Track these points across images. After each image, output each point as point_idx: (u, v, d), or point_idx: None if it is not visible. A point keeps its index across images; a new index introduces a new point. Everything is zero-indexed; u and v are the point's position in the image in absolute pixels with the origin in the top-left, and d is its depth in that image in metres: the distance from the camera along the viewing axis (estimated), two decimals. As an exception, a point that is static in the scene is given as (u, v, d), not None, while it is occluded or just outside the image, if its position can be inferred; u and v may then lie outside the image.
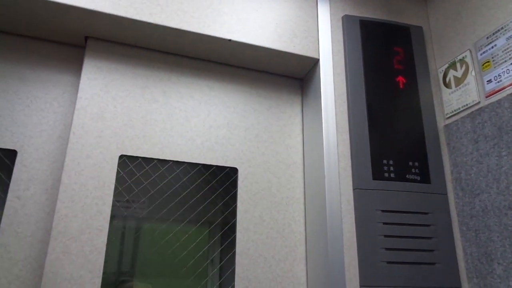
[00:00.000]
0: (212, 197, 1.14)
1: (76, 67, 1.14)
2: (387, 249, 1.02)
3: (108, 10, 1.03)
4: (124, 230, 1.05)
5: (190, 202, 1.12)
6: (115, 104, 1.10)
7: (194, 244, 1.09)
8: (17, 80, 1.07)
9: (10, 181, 0.99)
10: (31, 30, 1.10)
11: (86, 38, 1.13)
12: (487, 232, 1.00)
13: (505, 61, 1.01)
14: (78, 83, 1.12)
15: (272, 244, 1.13)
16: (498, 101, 1.01)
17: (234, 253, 1.09)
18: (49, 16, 1.04)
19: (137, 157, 1.08)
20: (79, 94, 1.07)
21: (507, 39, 1.02)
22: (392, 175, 1.10)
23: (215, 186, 1.15)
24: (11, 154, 1.01)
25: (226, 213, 1.14)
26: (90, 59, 1.11)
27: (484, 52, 1.08)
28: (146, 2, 1.08)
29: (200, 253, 1.09)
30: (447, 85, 1.20)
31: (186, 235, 1.09)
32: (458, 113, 1.14)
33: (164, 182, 1.11)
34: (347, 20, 1.23)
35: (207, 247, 1.10)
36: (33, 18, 1.05)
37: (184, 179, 1.13)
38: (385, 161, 1.11)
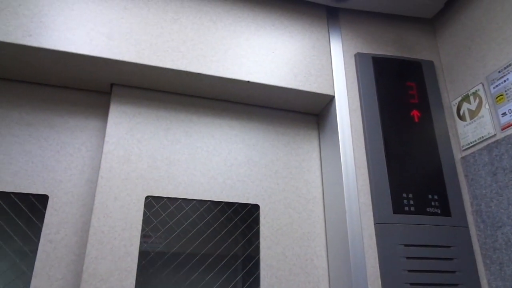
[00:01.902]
0: (236, 234, 1.16)
1: (102, 113, 1.19)
2: (411, 284, 1.03)
3: (133, 59, 1.09)
4: (151, 270, 1.07)
5: (214, 240, 1.14)
6: (140, 146, 1.14)
7: (219, 282, 1.11)
8: (47, 127, 1.13)
9: (42, 225, 1.03)
10: (60, 80, 1.16)
11: (112, 85, 1.18)
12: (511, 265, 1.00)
13: (518, 94, 1.04)
14: (105, 127, 1.17)
15: (296, 280, 1.14)
16: (514, 134, 1.03)
17: (258, 291, 1.10)
18: (77, 67, 1.10)
19: (162, 198, 1.12)
20: (106, 139, 1.12)
21: (519, 73, 1.05)
22: (412, 208, 1.11)
23: (238, 223, 1.18)
24: (43, 199, 1.06)
25: (250, 250, 1.15)
26: (116, 104, 1.17)
27: (496, 86, 1.11)
28: (168, 50, 1.13)
29: (226, 291, 1.10)
30: (462, 118, 1.23)
31: (212, 273, 1.11)
32: (475, 145, 1.16)
33: (189, 221, 1.13)
34: (360, 58, 1.28)
35: (232, 284, 1.12)
36: (63, 70, 1.11)
37: (208, 217, 1.16)
38: (404, 195, 1.12)
